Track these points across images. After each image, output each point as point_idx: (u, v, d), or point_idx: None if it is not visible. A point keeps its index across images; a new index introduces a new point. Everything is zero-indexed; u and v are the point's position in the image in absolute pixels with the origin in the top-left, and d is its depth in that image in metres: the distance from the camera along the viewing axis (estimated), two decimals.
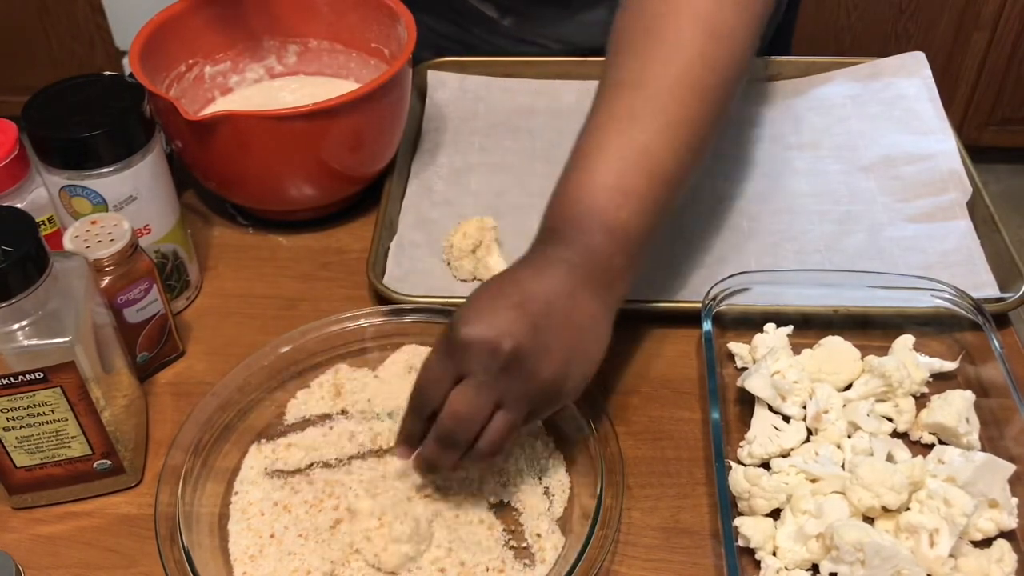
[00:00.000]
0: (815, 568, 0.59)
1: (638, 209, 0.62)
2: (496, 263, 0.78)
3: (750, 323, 0.73)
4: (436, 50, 1.00)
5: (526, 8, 0.98)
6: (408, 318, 0.72)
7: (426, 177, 0.89)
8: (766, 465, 0.64)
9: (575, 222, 0.62)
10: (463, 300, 0.60)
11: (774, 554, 0.60)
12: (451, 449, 0.59)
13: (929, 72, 0.95)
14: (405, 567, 0.60)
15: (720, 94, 0.66)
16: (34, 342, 0.57)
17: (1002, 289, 0.75)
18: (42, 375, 0.58)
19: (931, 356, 0.71)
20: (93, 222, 0.67)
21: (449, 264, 0.80)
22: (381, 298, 0.76)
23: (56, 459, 0.63)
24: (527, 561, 0.61)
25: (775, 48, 1.07)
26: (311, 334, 0.71)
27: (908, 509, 0.60)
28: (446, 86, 0.98)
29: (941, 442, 0.66)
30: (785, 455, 0.65)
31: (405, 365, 0.71)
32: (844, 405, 0.67)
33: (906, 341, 0.71)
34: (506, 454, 0.64)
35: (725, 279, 0.72)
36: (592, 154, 0.64)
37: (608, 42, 0.69)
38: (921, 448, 0.66)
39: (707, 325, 0.70)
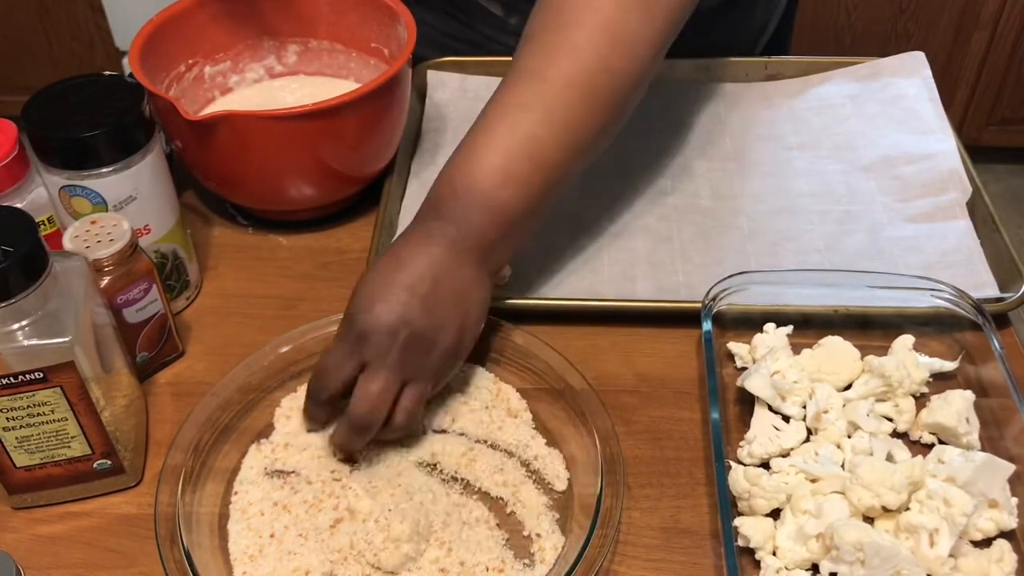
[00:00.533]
0: (815, 568, 0.59)
1: (518, 192, 0.66)
2: None
3: (750, 323, 0.73)
4: (442, 49, 1.00)
5: (532, 6, 0.98)
6: None
7: (426, 177, 0.89)
8: (766, 465, 0.65)
9: (459, 199, 0.66)
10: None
11: (774, 554, 0.60)
12: (364, 433, 0.63)
13: (929, 72, 0.95)
14: (405, 567, 0.60)
15: (616, 96, 0.69)
16: (34, 342, 0.57)
17: (1002, 289, 0.75)
18: (42, 375, 0.58)
19: (931, 356, 0.71)
20: (93, 222, 0.67)
21: None
22: None
23: (56, 459, 0.63)
24: (527, 561, 0.61)
25: (773, 48, 1.07)
26: (311, 334, 0.71)
27: (908, 509, 0.60)
28: (446, 86, 0.98)
29: (941, 442, 0.66)
30: (785, 455, 0.65)
31: None
32: (844, 405, 0.67)
33: (906, 341, 0.71)
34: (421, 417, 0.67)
35: (725, 279, 0.72)
36: (481, 136, 0.67)
37: (524, 30, 0.72)
38: (921, 448, 0.66)
39: (707, 325, 0.70)
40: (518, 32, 1.00)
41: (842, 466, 0.63)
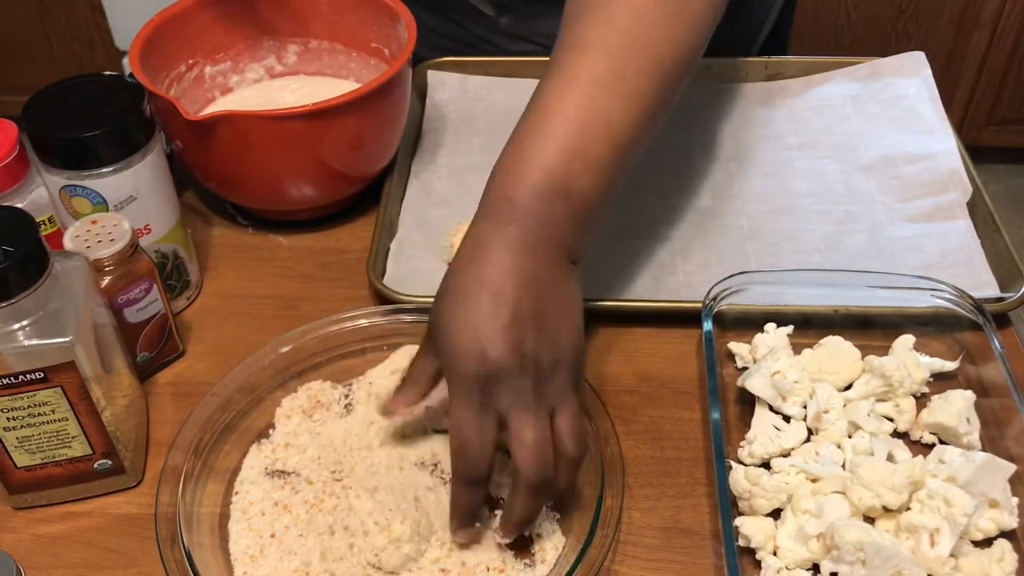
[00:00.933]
0: (816, 568, 0.59)
1: (596, 177, 0.60)
2: None
3: (750, 323, 0.73)
4: (433, 47, 1.00)
5: (523, 6, 0.98)
6: (408, 318, 0.72)
7: (426, 177, 0.89)
8: (766, 465, 0.64)
9: (531, 189, 0.59)
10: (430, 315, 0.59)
11: (775, 554, 0.60)
12: (545, 490, 0.57)
13: (929, 72, 0.95)
14: (406, 567, 0.60)
15: (678, 68, 0.65)
16: (34, 342, 0.57)
17: (1002, 289, 0.75)
18: (42, 375, 0.58)
19: (931, 356, 0.71)
20: (93, 222, 0.67)
21: (449, 264, 0.80)
22: (381, 298, 0.76)
23: (56, 459, 0.63)
24: (528, 561, 0.61)
25: (772, 48, 1.07)
26: (311, 334, 0.71)
27: (908, 509, 0.60)
28: (446, 86, 0.98)
29: (941, 442, 0.66)
30: (785, 455, 0.65)
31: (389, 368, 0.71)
32: (844, 405, 0.67)
33: (906, 341, 0.71)
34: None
35: (725, 279, 0.72)
36: (550, 118, 0.61)
37: (567, 3, 0.67)
38: (921, 448, 0.66)
39: (707, 325, 0.70)
40: (508, 32, 1.00)
41: (843, 466, 0.63)
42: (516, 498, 0.57)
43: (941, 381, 0.70)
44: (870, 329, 0.73)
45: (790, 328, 0.72)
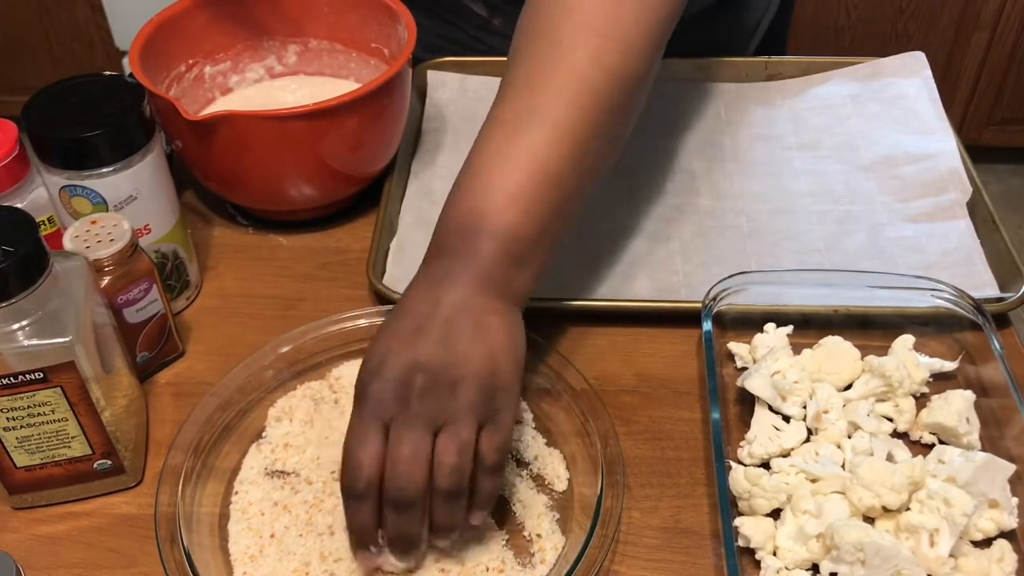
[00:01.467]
0: (815, 568, 0.59)
1: (524, 210, 0.60)
2: None
3: (750, 323, 0.73)
4: (426, 48, 1.00)
5: (516, 8, 0.98)
6: None
7: (426, 177, 0.89)
8: (766, 465, 0.65)
9: (462, 232, 0.60)
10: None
11: (774, 554, 0.60)
12: (408, 510, 0.54)
13: (929, 72, 0.95)
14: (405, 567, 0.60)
15: (613, 99, 0.63)
16: (34, 342, 0.57)
17: (1002, 289, 0.75)
18: (42, 375, 0.58)
19: (931, 356, 0.71)
20: (93, 222, 0.67)
21: None
22: (381, 298, 0.76)
23: (56, 459, 0.63)
24: (527, 561, 0.61)
25: (771, 48, 1.07)
26: (311, 334, 0.71)
27: (908, 509, 0.60)
28: (446, 86, 0.98)
29: (941, 442, 0.66)
30: (785, 455, 0.65)
31: None
32: (844, 405, 0.67)
33: (906, 341, 0.71)
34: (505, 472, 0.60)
35: (725, 279, 0.72)
36: (477, 160, 0.62)
37: (511, 44, 0.68)
38: (921, 448, 0.66)
39: (707, 325, 0.70)
40: (502, 33, 1.00)
41: (842, 466, 0.63)
42: (435, 511, 0.56)
43: (941, 381, 0.70)
44: (870, 329, 0.73)
45: (790, 328, 0.72)
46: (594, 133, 0.63)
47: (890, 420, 0.68)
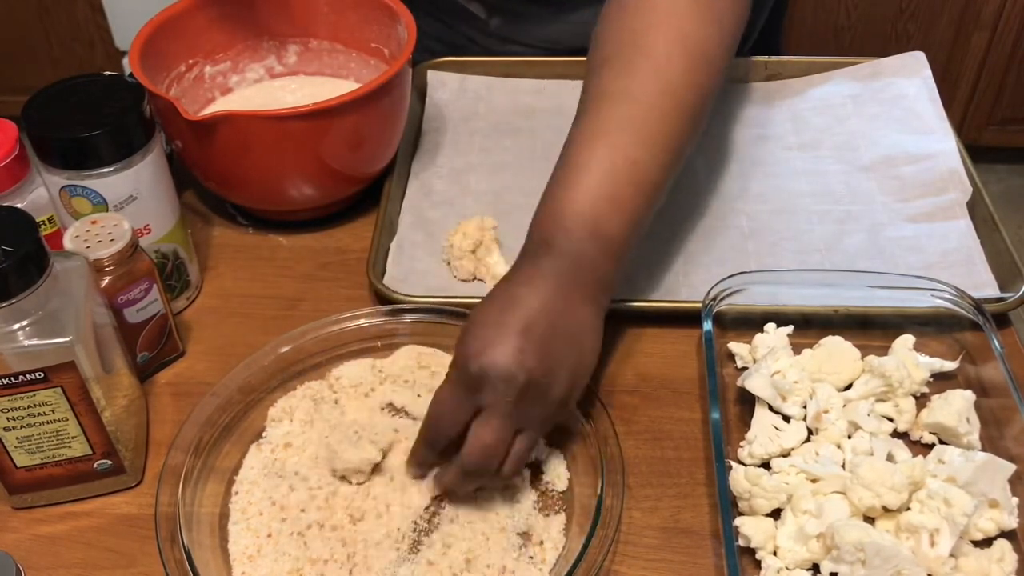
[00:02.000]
0: (815, 568, 0.59)
1: (625, 219, 0.65)
2: (496, 263, 0.78)
3: (750, 323, 0.73)
4: (423, 50, 1.00)
5: (513, 8, 0.98)
6: (408, 318, 0.72)
7: (426, 177, 0.89)
8: (766, 465, 0.64)
9: (566, 232, 0.63)
10: (463, 310, 0.62)
11: (775, 554, 0.60)
12: (476, 478, 0.61)
13: (929, 72, 0.95)
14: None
15: (698, 110, 0.69)
16: (34, 342, 0.57)
17: (1002, 289, 0.75)
18: (42, 375, 0.58)
19: (931, 356, 0.71)
20: (93, 222, 0.67)
21: (449, 264, 0.80)
22: (381, 298, 0.76)
23: (56, 459, 0.63)
24: (527, 561, 0.60)
25: (766, 44, 1.07)
26: (311, 334, 0.71)
27: (908, 509, 0.60)
28: (446, 86, 0.98)
29: (941, 442, 0.66)
30: (785, 455, 0.65)
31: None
32: (844, 405, 0.67)
33: (906, 341, 0.71)
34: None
35: (725, 279, 0.72)
36: (582, 165, 0.65)
37: (590, 53, 0.72)
38: (921, 448, 0.66)
39: (707, 325, 0.70)
40: (498, 34, 1.01)
41: (842, 466, 0.63)
42: (450, 470, 0.61)
43: (941, 381, 0.70)
44: (870, 329, 0.73)
45: (790, 328, 0.72)
46: (683, 141, 0.69)
47: (890, 420, 0.68)
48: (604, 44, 0.71)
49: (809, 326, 0.73)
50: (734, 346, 0.73)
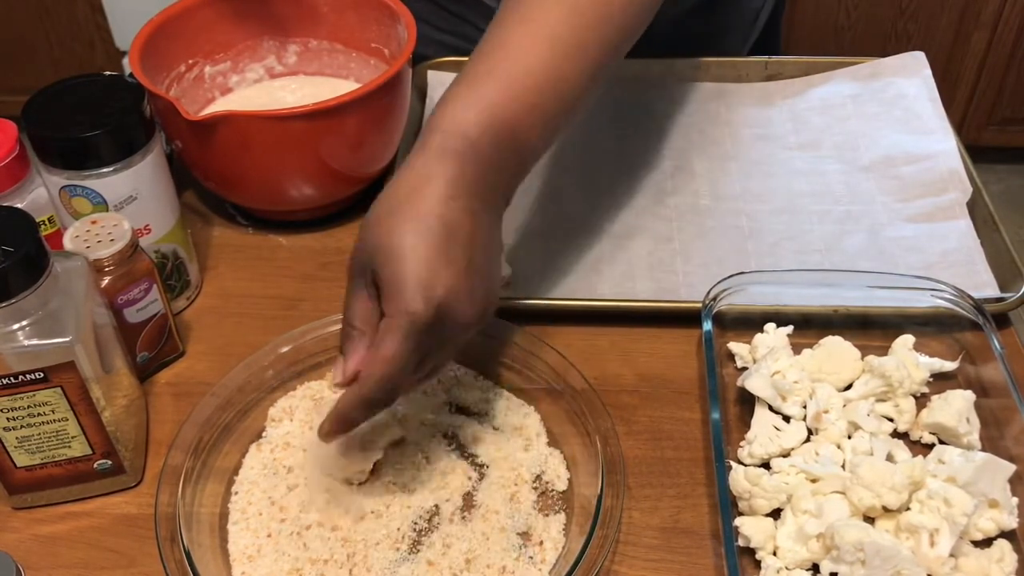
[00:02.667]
0: (815, 568, 0.59)
1: (546, 131, 0.61)
2: None
3: (750, 323, 0.73)
4: (432, 42, 1.00)
5: None
6: None
7: None
8: (766, 465, 0.64)
9: (489, 135, 0.58)
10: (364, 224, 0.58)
11: (774, 554, 0.60)
12: (377, 408, 0.58)
13: (929, 72, 0.95)
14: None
15: (627, 20, 0.65)
16: (34, 342, 0.57)
17: (1002, 289, 0.75)
18: (42, 375, 0.58)
19: (931, 356, 0.71)
20: (93, 222, 0.67)
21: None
22: None
23: (56, 459, 0.63)
24: (527, 561, 0.60)
25: (766, 44, 1.07)
26: (311, 334, 0.71)
27: (908, 509, 0.60)
28: (446, 86, 0.97)
29: (941, 442, 0.66)
30: (785, 455, 0.65)
31: None
32: (844, 405, 0.67)
33: (906, 341, 0.71)
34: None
35: (725, 279, 0.72)
36: (511, 64, 0.61)
37: None
38: (921, 448, 0.66)
39: (707, 325, 0.70)
40: None
41: (842, 466, 0.63)
42: (345, 398, 0.57)
43: (941, 381, 0.70)
44: (870, 329, 0.73)
45: (790, 328, 0.72)
46: (608, 56, 0.64)
47: (890, 420, 0.68)
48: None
49: (809, 326, 0.73)
50: (734, 346, 0.73)
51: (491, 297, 0.59)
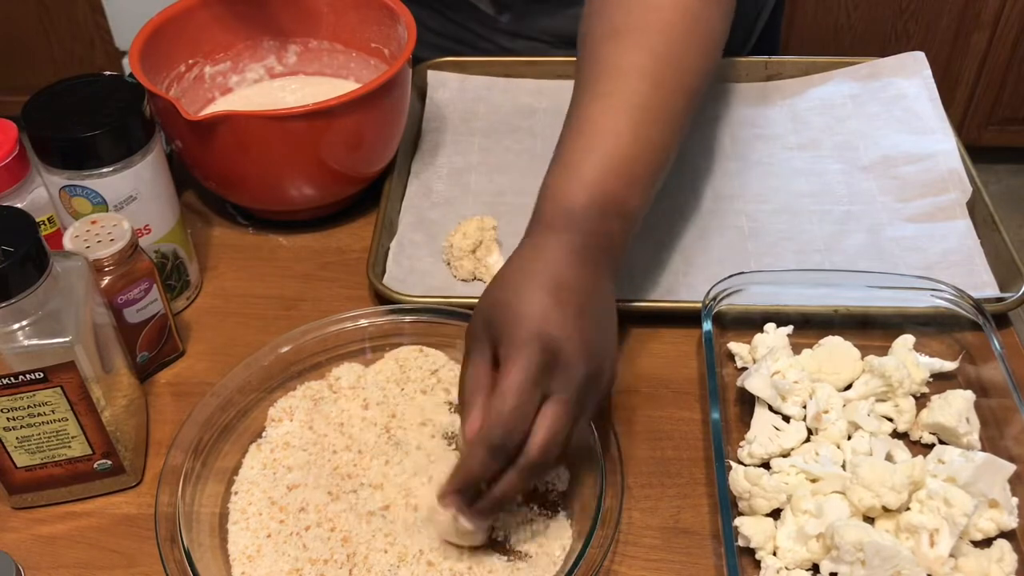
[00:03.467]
0: (815, 568, 0.59)
1: (644, 198, 0.66)
2: (496, 263, 0.78)
3: (750, 323, 0.73)
4: (432, 47, 1.00)
5: (523, 5, 0.98)
6: (408, 318, 0.72)
7: (426, 177, 0.89)
8: (766, 465, 0.64)
9: (594, 206, 0.63)
10: (463, 310, 0.62)
11: (774, 554, 0.60)
12: (540, 474, 0.57)
13: (929, 72, 0.95)
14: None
15: (703, 83, 0.70)
16: (34, 342, 0.57)
17: (1002, 289, 0.75)
18: (42, 375, 0.58)
19: (931, 356, 0.71)
20: (93, 222, 0.67)
21: (449, 264, 0.80)
22: (381, 298, 0.76)
23: (56, 459, 0.63)
24: (528, 562, 0.60)
25: (766, 44, 1.07)
26: (311, 334, 0.71)
27: (908, 509, 0.60)
28: (446, 86, 0.98)
29: (941, 442, 0.66)
30: (785, 455, 0.65)
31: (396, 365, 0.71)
32: (844, 405, 0.67)
33: (906, 341, 0.71)
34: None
35: (725, 279, 0.72)
36: (605, 139, 0.65)
37: (587, 25, 0.72)
38: (921, 448, 0.66)
39: (707, 325, 0.70)
40: (508, 30, 1.01)
41: (842, 466, 0.63)
42: (511, 475, 0.55)
43: (941, 381, 0.70)
44: (870, 329, 0.73)
45: (790, 328, 0.72)
46: (689, 119, 0.69)
47: (890, 420, 0.68)
48: (605, 18, 0.70)
49: (809, 326, 0.73)
50: (734, 346, 0.73)
51: (606, 353, 0.59)
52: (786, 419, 0.67)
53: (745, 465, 0.64)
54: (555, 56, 0.98)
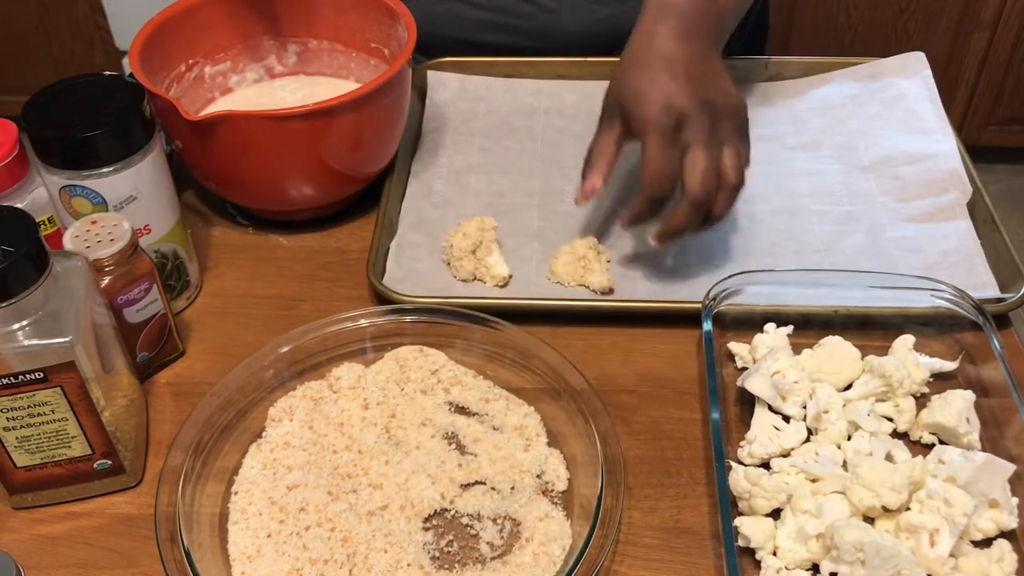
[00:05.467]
0: (815, 568, 0.59)
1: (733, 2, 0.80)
2: (496, 263, 0.78)
3: (750, 323, 0.73)
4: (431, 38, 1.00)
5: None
6: (408, 318, 0.72)
7: (426, 177, 0.89)
8: (766, 465, 0.65)
9: (699, 6, 0.75)
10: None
11: (774, 554, 0.60)
12: (703, 207, 0.72)
13: (929, 72, 0.95)
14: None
15: None
16: (34, 342, 0.57)
17: (1002, 289, 0.75)
18: (42, 375, 0.58)
19: (931, 356, 0.71)
20: (93, 222, 0.67)
21: (449, 264, 0.80)
22: (381, 298, 0.76)
23: (56, 459, 0.63)
24: (528, 561, 0.60)
25: (753, 40, 1.06)
26: (311, 334, 0.71)
27: (908, 509, 0.60)
28: (446, 86, 0.97)
29: (941, 442, 0.66)
30: (785, 455, 0.65)
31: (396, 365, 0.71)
32: (844, 405, 0.67)
33: (906, 341, 0.71)
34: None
35: (725, 279, 0.72)
36: None
37: None
38: (921, 448, 0.66)
39: (707, 325, 0.70)
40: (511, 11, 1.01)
41: (843, 466, 0.63)
42: (678, 210, 0.72)
43: (941, 381, 0.70)
44: (870, 329, 0.73)
45: (790, 328, 0.72)
46: None
47: (890, 420, 0.68)
48: None
49: (809, 326, 0.73)
50: (734, 346, 0.73)
51: (719, 95, 0.73)
52: (786, 419, 0.67)
53: (745, 465, 0.64)
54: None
